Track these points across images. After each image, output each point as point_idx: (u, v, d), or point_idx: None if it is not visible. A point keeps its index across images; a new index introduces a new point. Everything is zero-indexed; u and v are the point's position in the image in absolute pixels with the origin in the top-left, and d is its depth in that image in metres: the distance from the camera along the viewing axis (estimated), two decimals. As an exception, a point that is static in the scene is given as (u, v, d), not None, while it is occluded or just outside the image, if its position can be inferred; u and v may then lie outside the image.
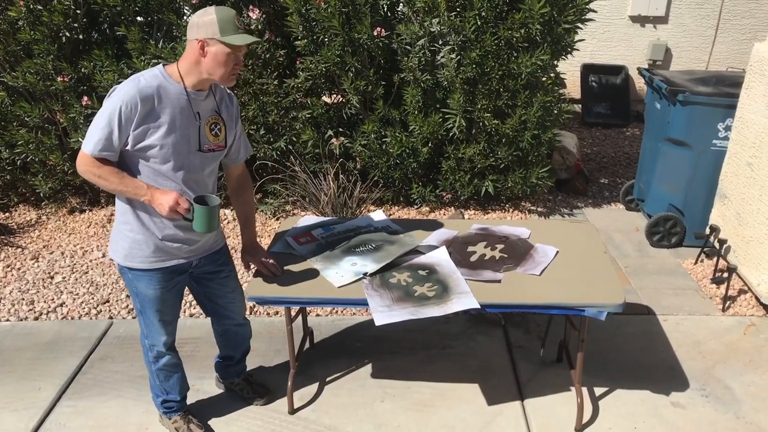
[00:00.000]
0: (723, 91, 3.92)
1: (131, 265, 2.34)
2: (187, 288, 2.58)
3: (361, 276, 2.54)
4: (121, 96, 2.09)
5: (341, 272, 2.57)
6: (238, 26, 2.14)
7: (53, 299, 3.71)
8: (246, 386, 2.94)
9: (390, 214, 4.68)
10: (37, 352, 3.28)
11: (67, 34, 4.23)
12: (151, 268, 2.35)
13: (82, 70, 4.28)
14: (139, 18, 4.31)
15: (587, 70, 6.86)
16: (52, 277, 3.93)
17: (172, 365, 2.61)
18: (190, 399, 2.84)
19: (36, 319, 3.56)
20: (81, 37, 4.36)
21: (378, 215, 3.06)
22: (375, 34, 4.13)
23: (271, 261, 2.59)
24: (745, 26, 6.77)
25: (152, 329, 2.49)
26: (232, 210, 4.65)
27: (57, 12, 4.10)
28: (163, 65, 2.21)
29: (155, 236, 2.31)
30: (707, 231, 4.00)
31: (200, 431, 2.72)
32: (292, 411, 2.86)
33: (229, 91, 2.42)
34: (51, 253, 4.20)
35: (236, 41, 2.11)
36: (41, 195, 4.71)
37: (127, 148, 2.16)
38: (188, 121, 2.22)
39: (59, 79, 4.25)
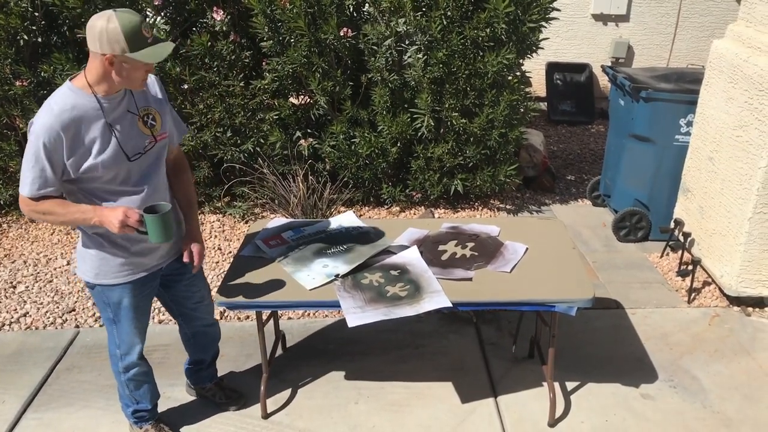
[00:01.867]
0: (684, 87, 4.00)
1: (103, 282, 2.28)
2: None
3: (333, 278, 2.53)
4: (40, 131, 1.98)
5: (313, 274, 2.55)
6: (146, 35, 1.97)
7: (16, 309, 3.61)
8: (218, 391, 2.90)
9: (360, 215, 4.67)
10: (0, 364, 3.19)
11: (25, 37, 4.12)
12: (124, 282, 2.30)
13: (42, 74, 4.18)
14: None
15: (552, 68, 6.94)
16: (14, 287, 3.83)
17: (143, 374, 2.55)
18: (161, 407, 2.79)
19: (-2, 330, 3.47)
20: (40, 40, 4.25)
21: (348, 216, 3.05)
22: (341, 34, 4.11)
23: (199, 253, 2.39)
24: (703, 24, 6.93)
25: (126, 338, 2.43)
26: (199, 214, 4.59)
27: (14, 15, 3.99)
28: (70, 79, 2.08)
29: (126, 250, 2.25)
30: (672, 225, 4.08)
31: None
32: (266, 416, 2.83)
33: (150, 76, 2.25)
34: (13, 262, 4.09)
35: (149, 59, 1.98)
36: (1, 202, 4.58)
37: (71, 177, 2.07)
38: (110, 132, 2.09)
39: (18, 83, 4.14)
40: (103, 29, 1.93)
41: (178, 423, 2.79)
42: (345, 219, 3.02)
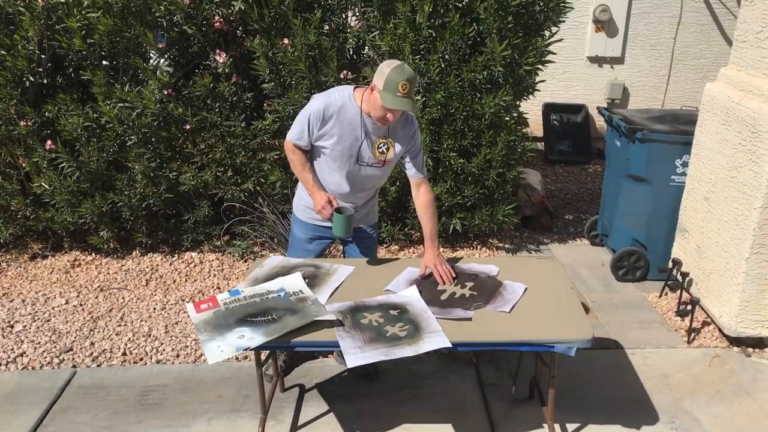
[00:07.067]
0: (679, 128, 4.06)
1: (294, 213, 3.20)
2: None
3: (241, 351, 2.37)
4: (313, 107, 2.83)
5: (223, 346, 2.37)
6: (401, 90, 2.62)
7: (13, 349, 3.59)
8: None
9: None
10: (-5, 404, 3.16)
11: (31, 78, 4.19)
12: (302, 219, 3.15)
13: (46, 114, 4.24)
14: (104, 62, 4.31)
15: (549, 109, 7.03)
16: (12, 326, 3.81)
17: None
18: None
19: (-5, 370, 3.44)
20: (45, 81, 4.32)
21: (294, 279, 2.80)
22: (341, 76, 4.19)
23: (446, 267, 2.89)
24: (696, 66, 7.06)
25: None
26: (198, 253, 4.61)
27: (21, 57, 4.07)
28: (354, 87, 2.84)
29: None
30: (670, 264, 4.09)
31: (272, 371, 3.20)
32: (263, 458, 2.80)
33: (411, 114, 2.94)
34: (11, 301, 4.08)
35: (385, 101, 2.64)
36: (1, 241, 4.60)
37: (312, 142, 2.89)
38: (354, 138, 2.84)
39: (22, 123, 4.19)
40: (382, 69, 2.67)
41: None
42: (289, 282, 2.79)
